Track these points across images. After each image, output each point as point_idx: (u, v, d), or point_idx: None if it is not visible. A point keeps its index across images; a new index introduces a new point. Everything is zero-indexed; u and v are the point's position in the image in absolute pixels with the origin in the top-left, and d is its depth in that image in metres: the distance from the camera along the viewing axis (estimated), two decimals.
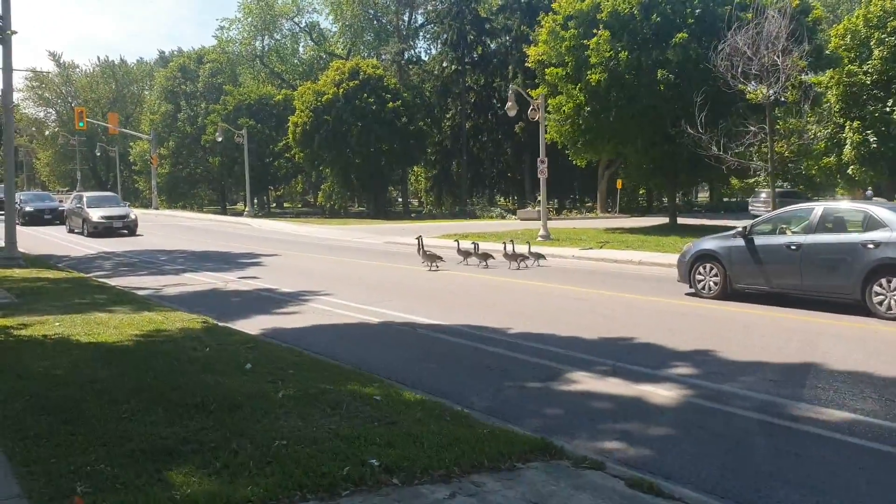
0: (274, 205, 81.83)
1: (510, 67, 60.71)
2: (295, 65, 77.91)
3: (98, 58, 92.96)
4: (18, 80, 75.15)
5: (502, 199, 73.37)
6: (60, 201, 45.11)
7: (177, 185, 69.73)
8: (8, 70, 19.65)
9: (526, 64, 42.19)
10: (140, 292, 15.33)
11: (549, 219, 46.56)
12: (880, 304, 11.55)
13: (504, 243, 20.11)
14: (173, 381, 6.96)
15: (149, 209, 58.80)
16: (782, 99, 26.84)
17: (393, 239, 30.08)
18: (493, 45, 64.49)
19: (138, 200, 75.93)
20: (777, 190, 47.27)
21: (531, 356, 9.13)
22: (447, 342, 10.18)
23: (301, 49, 78.13)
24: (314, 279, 17.50)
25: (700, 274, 14.11)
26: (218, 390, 6.61)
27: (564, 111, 32.67)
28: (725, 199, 68.92)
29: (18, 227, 20.36)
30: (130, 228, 31.81)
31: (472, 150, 64.42)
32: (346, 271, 19.40)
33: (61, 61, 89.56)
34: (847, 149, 37.09)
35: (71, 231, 33.32)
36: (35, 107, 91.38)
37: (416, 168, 69.58)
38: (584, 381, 7.93)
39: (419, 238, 20.08)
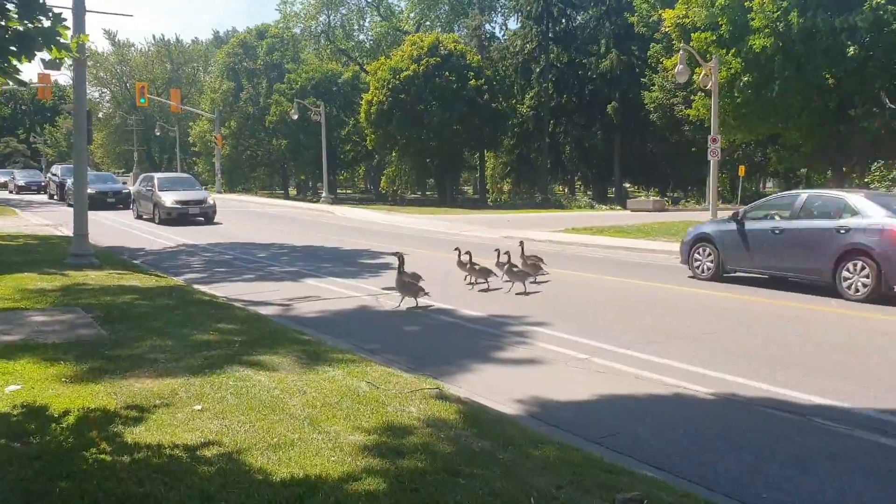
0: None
1: (602, 42, 55.31)
2: (361, 41, 73.29)
3: (154, 37, 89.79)
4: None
5: (582, 187, 68.00)
6: (124, 183, 41.23)
7: (237, 167, 65.76)
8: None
9: (663, 32, 36.71)
10: (264, 310, 10.81)
11: (664, 209, 41.36)
12: (848, 286, 11.90)
13: (500, 252, 13.26)
14: None
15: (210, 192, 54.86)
16: None
17: (509, 233, 25.29)
18: (578, 19, 59.07)
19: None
20: None
21: None
22: None
23: (367, 24, 73.47)
24: (485, 291, 12.81)
25: (698, 257, 14.50)
26: None
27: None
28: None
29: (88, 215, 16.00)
30: (208, 216, 27.36)
31: (555, 133, 59.20)
32: None
33: (116, 40, 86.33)
34: None
35: (139, 217, 29.01)
36: (90, 87, 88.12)
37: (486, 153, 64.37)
38: None
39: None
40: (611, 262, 17.95)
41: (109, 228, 25.41)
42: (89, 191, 32.18)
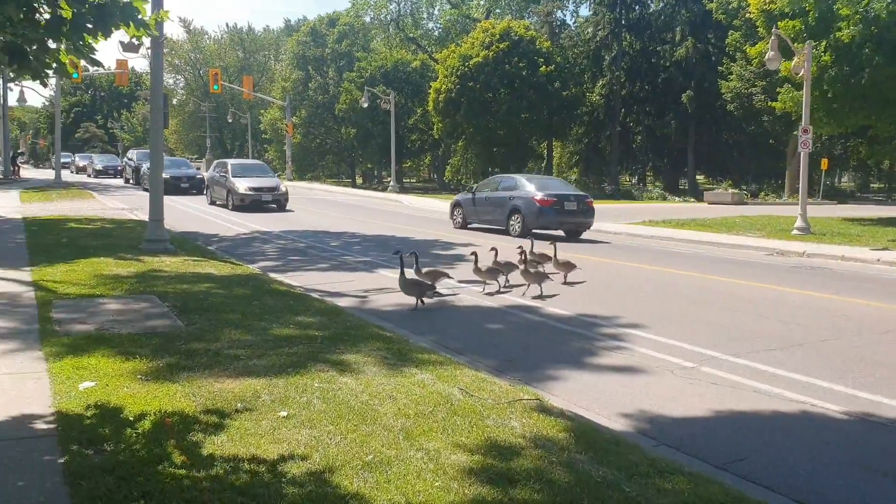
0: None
1: (677, 29, 53.71)
2: (430, 29, 72.87)
3: (227, 24, 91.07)
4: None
5: (653, 177, 66.18)
6: (197, 169, 41.68)
7: (306, 155, 66.22)
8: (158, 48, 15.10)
9: (744, 19, 35.21)
10: (341, 302, 10.41)
11: (742, 203, 39.70)
12: (511, 229, 20.39)
13: (522, 250, 11.90)
14: None
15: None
16: None
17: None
18: (652, 6, 57.50)
19: None
20: None
21: None
22: None
23: (436, 12, 72.93)
24: (571, 289, 12.15)
25: (455, 215, 23.12)
26: None
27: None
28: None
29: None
30: (280, 203, 27.22)
31: (625, 122, 57.70)
32: (600, 273, 13.95)
33: (191, 28, 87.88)
34: None
35: (213, 203, 29.03)
36: (164, 74, 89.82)
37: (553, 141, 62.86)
38: None
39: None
40: (698, 258, 17.06)
41: (183, 213, 25.54)
42: (164, 176, 32.65)
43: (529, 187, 20.75)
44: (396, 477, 4.09)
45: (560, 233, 20.27)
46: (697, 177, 61.66)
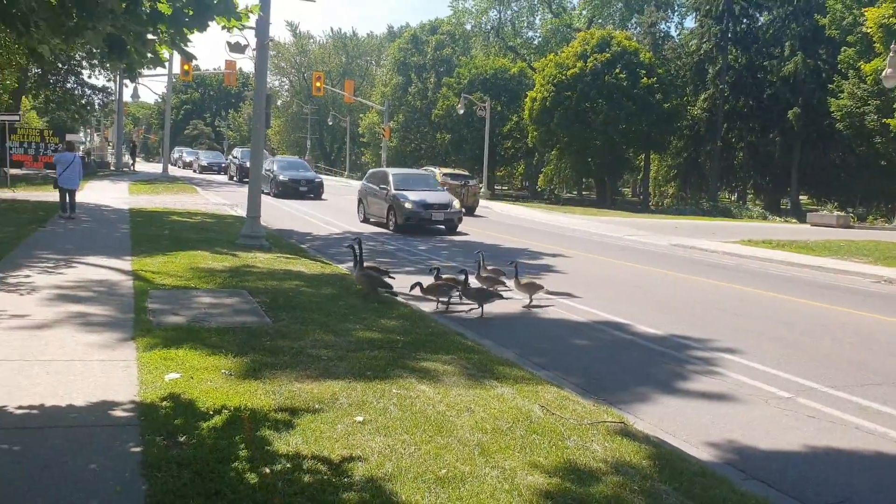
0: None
1: (786, 44, 51.53)
2: (529, 38, 72.58)
3: (331, 29, 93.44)
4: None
5: (753, 196, 63.81)
6: (317, 171, 41.56)
7: (401, 159, 67.00)
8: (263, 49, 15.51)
9: (860, 35, 33.63)
10: (425, 306, 10.37)
11: (849, 226, 37.72)
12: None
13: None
14: None
15: None
16: None
17: (678, 241, 23.78)
18: (761, 19, 55.58)
19: (361, 173, 74.23)
20: None
21: None
22: None
23: (537, 21, 72.57)
24: (663, 307, 11.75)
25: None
26: None
27: None
28: None
29: (269, 200, 16.27)
30: (453, 223, 22.71)
31: (727, 137, 55.85)
32: (694, 294, 13.47)
33: (297, 31, 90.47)
34: None
35: (366, 220, 24.59)
36: (270, 75, 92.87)
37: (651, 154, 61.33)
38: None
39: None
40: (798, 281, 16.23)
41: (287, 214, 26.07)
42: (282, 178, 32.90)
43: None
44: (469, 495, 3.97)
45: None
46: (801, 197, 59.06)
